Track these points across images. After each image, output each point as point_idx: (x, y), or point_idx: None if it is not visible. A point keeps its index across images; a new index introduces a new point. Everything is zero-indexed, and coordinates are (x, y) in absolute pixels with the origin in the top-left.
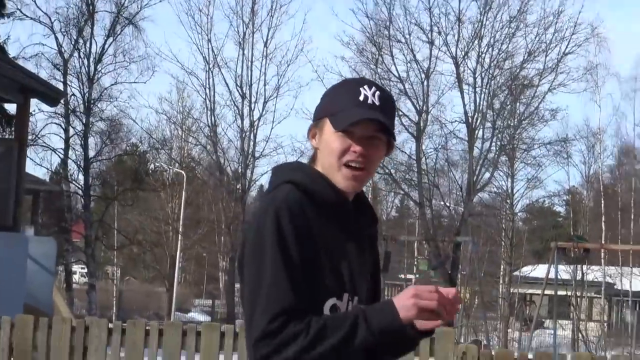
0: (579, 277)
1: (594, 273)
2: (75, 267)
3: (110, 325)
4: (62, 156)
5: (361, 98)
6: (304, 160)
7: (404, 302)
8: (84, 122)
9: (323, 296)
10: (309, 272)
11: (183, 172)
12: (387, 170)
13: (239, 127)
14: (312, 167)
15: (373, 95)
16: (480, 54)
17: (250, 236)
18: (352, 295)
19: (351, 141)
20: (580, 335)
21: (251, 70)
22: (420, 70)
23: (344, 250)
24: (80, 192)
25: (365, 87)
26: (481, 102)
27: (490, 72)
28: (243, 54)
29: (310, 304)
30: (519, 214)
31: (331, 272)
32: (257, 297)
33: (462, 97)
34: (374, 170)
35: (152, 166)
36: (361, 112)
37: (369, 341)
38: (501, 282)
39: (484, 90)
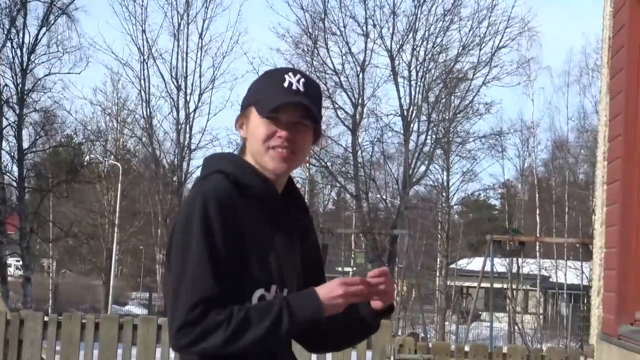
0: (514, 270)
1: (529, 266)
2: (10, 260)
3: (46, 319)
4: None
5: (285, 84)
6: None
7: (333, 300)
8: (18, 113)
9: (250, 287)
10: (235, 262)
11: (118, 164)
12: (323, 163)
13: (174, 118)
14: (242, 158)
15: (298, 82)
16: (415, 47)
17: (178, 225)
18: (280, 287)
19: (277, 127)
20: (516, 327)
21: (186, 62)
22: (356, 63)
23: (272, 242)
24: (14, 184)
25: (290, 74)
26: (416, 95)
27: (425, 65)
28: (178, 45)
29: (237, 294)
30: (454, 207)
31: (258, 264)
32: (179, 285)
33: (398, 90)
34: (303, 156)
35: (87, 158)
36: (285, 98)
37: (292, 332)
38: (438, 274)
39: (419, 83)
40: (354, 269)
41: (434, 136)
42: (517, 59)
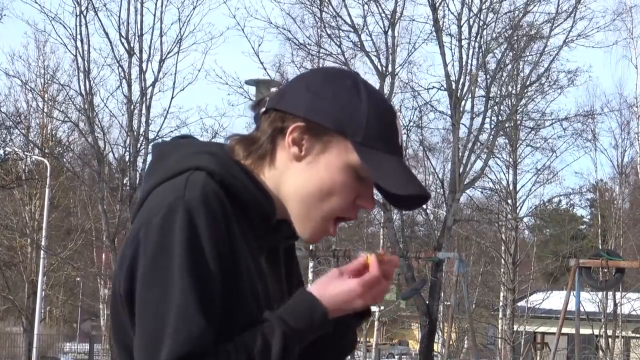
0: (610, 309)
1: (631, 303)
2: None
3: None
4: None
5: (399, 140)
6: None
7: (346, 296)
8: None
9: (239, 333)
10: (227, 300)
11: (46, 161)
12: None
13: (125, 96)
14: (229, 154)
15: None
16: None
17: (145, 247)
18: None
19: (363, 190)
20: None
21: (141, 15)
22: (383, 15)
23: (261, 269)
24: None
25: (399, 118)
26: (469, 61)
27: (482, 17)
28: None
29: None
30: (524, 219)
31: (250, 301)
32: (155, 337)
33: (443, 54)
34: None
35: (1, 152)
36: (409, 173)
37: (289, 348)
38: (500, 315)
39: (472, 43)
40: (381, 308)
41: (494, 118)
42: (614, 8)
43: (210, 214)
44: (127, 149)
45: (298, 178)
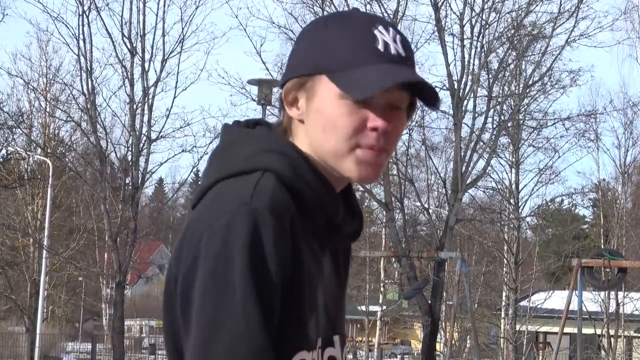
0: (612, 309)
1: (633, 303)
2: None
3: None
4: None
5: (380, 46)
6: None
7: None
8: None
9: (291, 348)
10: (283, 315)
11: (48, 161)
12: None
13: (127, 96)
14: (299, 148)
15: (395, 40)
16: None
17: (207, 253)
18: (325, 343)
19: (368, 112)
20: None
21: (144, 15)
22: (385, 14)
23: (322, 275)
24: None
25: (380, 27)
26: (471, 61)
27: (484, 17)
28: None
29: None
30: (527, 219)
31: (307, 313)
32: (215, 344)
33: (445, 54)
34: (392, 153)
35: (3, 152)
36: (391, 70)
37: None
38: (503, 315)
39: (474, 43)
40: (384, 308)
41: (497, 118)
42: (622, 7)
43: (277, 225)
44: (130, 148)
45: (314, 135)
